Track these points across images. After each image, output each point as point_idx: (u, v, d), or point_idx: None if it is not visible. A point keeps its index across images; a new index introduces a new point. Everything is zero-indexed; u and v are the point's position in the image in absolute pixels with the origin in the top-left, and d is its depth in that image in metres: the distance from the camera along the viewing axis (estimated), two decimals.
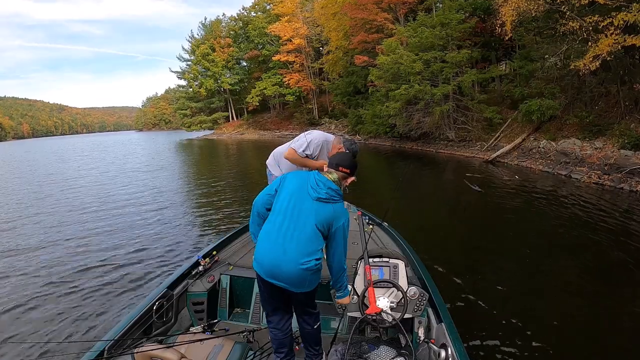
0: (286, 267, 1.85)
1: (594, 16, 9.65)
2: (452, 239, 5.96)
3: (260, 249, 1.94)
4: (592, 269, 4.57)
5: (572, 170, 10.16)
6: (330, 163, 2.10)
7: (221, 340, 2.05)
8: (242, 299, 2.91)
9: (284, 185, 2.03)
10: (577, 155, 10.80)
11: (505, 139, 14.21)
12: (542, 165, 11.39)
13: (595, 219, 6.38)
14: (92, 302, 4.12)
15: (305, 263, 1.86)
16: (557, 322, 3.39)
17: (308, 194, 1.94)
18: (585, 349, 3.09)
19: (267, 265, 1.89)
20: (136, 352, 1.74)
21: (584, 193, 8.33)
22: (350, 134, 25.88)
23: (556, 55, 12.16)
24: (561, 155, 11.23)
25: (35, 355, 3.18)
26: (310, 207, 1.91)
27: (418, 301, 2.20)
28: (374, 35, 19.68)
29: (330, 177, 1.99)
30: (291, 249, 1.86)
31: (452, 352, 1.85)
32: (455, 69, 14.58)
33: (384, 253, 2.37)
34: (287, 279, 1.87)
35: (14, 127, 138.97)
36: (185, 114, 44.57)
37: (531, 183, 9.68)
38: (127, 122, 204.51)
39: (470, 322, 3.22)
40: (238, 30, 41.87)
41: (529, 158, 12.22)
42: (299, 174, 2.07)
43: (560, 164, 10.86)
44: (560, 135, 12.44)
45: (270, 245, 1.89)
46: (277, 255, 1.86)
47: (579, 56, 10.85)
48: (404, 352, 1.84)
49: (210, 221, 7.35)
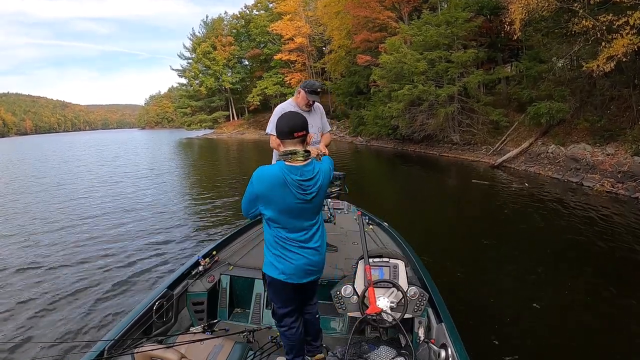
0: (318, 262, 1.90)
1: (607, 15, 9.19)
2: (453, 240, 5.95)
3: (286, 263, 1.84)
4: (599, 277, 4.44)
5: (584, 178, 9.66)
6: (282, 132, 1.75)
7: (221, 340, 2.04)
8: (242, 299, 2.91)
9: (271, 208, 1.76)
10: (588, 161, 10.29)
11: (512, 142, 13.74)
12: (551, 171, 10.90)
13: (609, 231, 5.97)
14: (92, 302, 4.12)
15: (322, 245, 1.91)
16: (557, 322, 3.44)
17: (298, 199, 1.73)
18: (585, 349, 3.11)
19: (300, 271, 1.85)
20: (136, 352, 1.74)
21: (596, 202, 7.88)
22: (352, 136, 25.49)
23: (567, 56, 11.65)
24: (571, 161, 10.73)
25: (35, 355, 3.17)
26: (303, 208, 1.77)
27: (418, 301, 2.17)
28: (376, 34, 19.23)
29: (299, 162, 1.71)
30: (315, 246, 1.87)
31: (452, 352, 1.84)
32: (460, 69, 14.10)
33: (384, 253, 2.35)
34: (319, 271, 1.94)
35: (17, 123, 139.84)
36: (185, 112, 44.31)
37: (540, 190, 9.22)
38: (130, 120, 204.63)
39: (470, 322, 3.21)
40: (240, 28, 41.53)
41: (537, 163, 11.71)
42: (275, 185, 1.72)
43: (571, 171, 10.36)
44: (569, 140, 12.00)
45: (294, 255, 1.83)
46: (302, 259, 1.85)
47: (591, 57, 10.42)
48: (404, 352, 1.85)
49: (210, 221, 7.31)
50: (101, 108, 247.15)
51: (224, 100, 43.85)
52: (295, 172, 1.70)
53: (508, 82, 16.71)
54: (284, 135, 1.74)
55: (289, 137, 1.72)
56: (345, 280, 2.29)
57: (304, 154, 1.72)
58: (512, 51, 18.14)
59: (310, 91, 2.67)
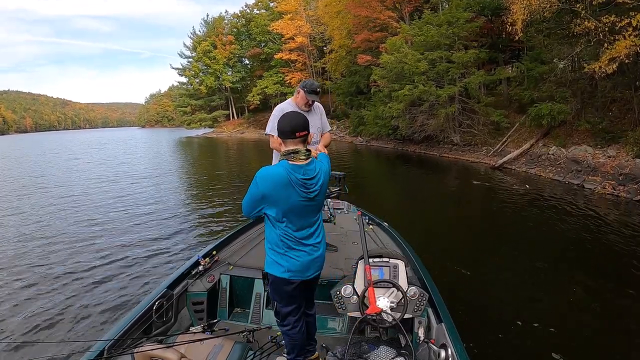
0: (319, 257, 1.95)
1: (610, 16, 9.12)
2: (453, 240, 5.95)
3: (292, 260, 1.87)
4: (600, 278, 4.42)
5: (585, 180, 9.60)
6: (283, 132, 1.77)
7: (221, 340, 2.04)
8: (242, 298, 2.91)
9: (276, 208, 1.77)
10: (589, 163, 10.23)
11: (513, 144, 13.67)
12: (552, 173, 10.84)
13: (610, 233, 5.93)
14: (92, 302, 4.10)
15: (323, 242, 1.96)
16: (557, 322, 3.42)
17: (302, 197, 1.77)
18: (585, 349, 3.11)
19: (304, 267, 1.89)
20: (136, 352, 1.73)
21: (598, 204, 7.83)
22: (352, 136, 25.42)
23: (568, 58, 11.59)
24: (572, 163, 10.67)
25: (35, 355, 3.15)
26: (307, 206, 1.81)
27: (418, 301, 2.17)
28: (377, 34, 19.15)
29: (301, 161, 1.74)
30: (317, 242, 1.92)
31: (452, 352, 1.84)
32: (461, 70, 14.02)
33: (384, 253, 2.35)
34: (320, 267, 1.99)
35: (17, 121, 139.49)
36: (185, 111, 44.18)
37: (540, 192, 9.16)
38: (130, 119, 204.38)
39: (470, 322, 3.20)
40: (240, 27, 41.43)
41: (538, 165, 11.65)
42: (280, 185, 1.73)
43: (572, 172, 10.30)
44: (570, 141, 11.94)
45: (299, 252, 1.87)
46: (307, 255, 1.89)
47: (593, 59, 10.36)
48: (404, 352, 1.85)
49: (210, 221, 7.29)
50: (102, 106, 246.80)
51: (224, 99, 43.74)
52: (299, 171, 1.72)
53: (509, 83, 16.66)
54: (285, 135, 1.75)
55: (291, 136, 1.74)
56: (345, 280, 2.29)
57: (305, 152, 1.74)
58: (512, 52, 18.05)
59: (310, 91, 2.65)
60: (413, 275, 2.60)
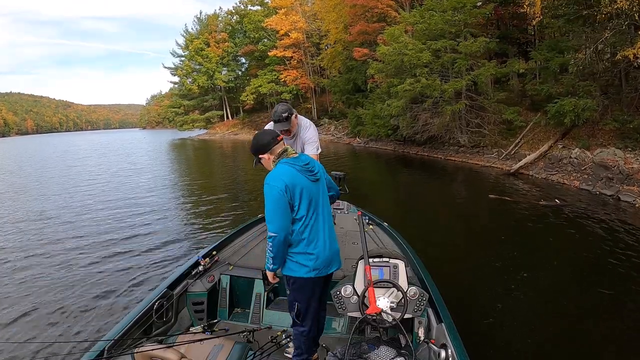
0: (335, 249, 2.07)
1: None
2: (453, 240, 5.98)
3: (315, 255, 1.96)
4: (603, 286, 4.11)
5: (620, 190, 8.02)
6: (266, 144, 1.96)
7: (221, 340, 2.05)
8: (242, 299, 2.94)
9: (298, 195, 1.89)
10: (621, 169, 8.65)
11: (527, 145, 12.10)
12: (577, 180, 9.24)
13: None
14: (92, 302, 4.12)
15: (334, 234, 2.10)
16: (557, 323, 3.41)
17: (311, 182, 1.95)
18: (585, 350, 3.09)
19: (327, 263, 2.00)
20: (136, 352, 1.75)
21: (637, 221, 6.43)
22: (350, 137, 23.92)
23: (594, 45, 9.97)
24: (600, 169, 9.08)
25: (35, 355, 3.13)
26: (318, 188, 1.98)
27: (418, 301, 2.16)
28: (375, 25, 17.58)
29: (293, 155, 1.96)
30: (332, 235, 2.06)
31: (452, 352, 1.86)
32: (469, 61, 12.41)
33: (384, 253, 2.34)
34: (340, 261, 2.12)
35: (18, 123, 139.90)
36: (177, 112, 42.78)
37: (568, 204, 7.57)
38: (132, 120, 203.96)
39: (470, 322, 3.18)
40: (234, 24, 40.04)
41: (559, 171, 10.04)
42: (292, 174, 1.90)
43: (602, 181, 8.70)
44: (594, 142, 10.44)
45: (322, 244, 1.96)
46: (329, 247, 2.00)
47: (625, 45, 8.84)
48: (404, 352, 1.85)
49: (209, 221, 7.30)
50: (104, 108, 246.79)
51: (218, 99, 42.27)
52: (297, 162, 1.92)
53: (522, 78, 15.02)
54: (270, 144, 1.93)
55: (274, 143, 1.94)
56: (345, 280, 2.27)
57: (292, 149, 1.99)
58: (521, 46, 16.61)
59: (275, 121, 2.60)
60: (413, 275, 2.61)
